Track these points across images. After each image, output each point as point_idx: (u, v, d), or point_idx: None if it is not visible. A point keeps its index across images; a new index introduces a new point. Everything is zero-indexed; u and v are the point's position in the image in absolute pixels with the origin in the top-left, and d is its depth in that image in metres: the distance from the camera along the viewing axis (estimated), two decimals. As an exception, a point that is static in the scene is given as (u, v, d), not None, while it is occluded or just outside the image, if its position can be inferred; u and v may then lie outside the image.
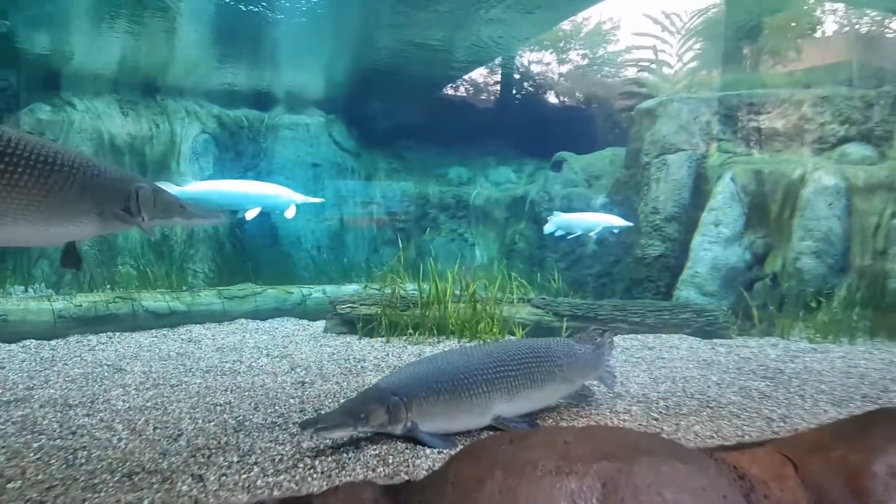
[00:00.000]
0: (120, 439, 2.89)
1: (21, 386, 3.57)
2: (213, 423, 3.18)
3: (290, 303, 6.77)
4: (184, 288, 6.72)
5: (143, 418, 3.22)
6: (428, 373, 3.17)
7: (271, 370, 4.43)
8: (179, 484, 2.35)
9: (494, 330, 6.00)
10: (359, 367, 4.62)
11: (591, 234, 8.88)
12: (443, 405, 3.08)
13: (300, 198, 9.03)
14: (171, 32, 8.65)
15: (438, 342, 5.76)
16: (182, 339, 5.45)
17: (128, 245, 8.36)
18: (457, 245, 11.01)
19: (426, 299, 6.23)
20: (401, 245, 8.50)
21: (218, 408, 3.48)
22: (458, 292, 6.45)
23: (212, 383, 3.97)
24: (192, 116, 9.62)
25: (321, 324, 6.35)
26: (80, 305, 5.28)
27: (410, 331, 5.93)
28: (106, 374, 4.05)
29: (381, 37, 9.55)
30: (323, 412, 3.28)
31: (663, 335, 6.13)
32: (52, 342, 4.95)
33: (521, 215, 10.67)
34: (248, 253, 9.38)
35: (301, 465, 2.59)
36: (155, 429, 3.06)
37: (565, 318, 6.11)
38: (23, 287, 6.92)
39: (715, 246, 7.56)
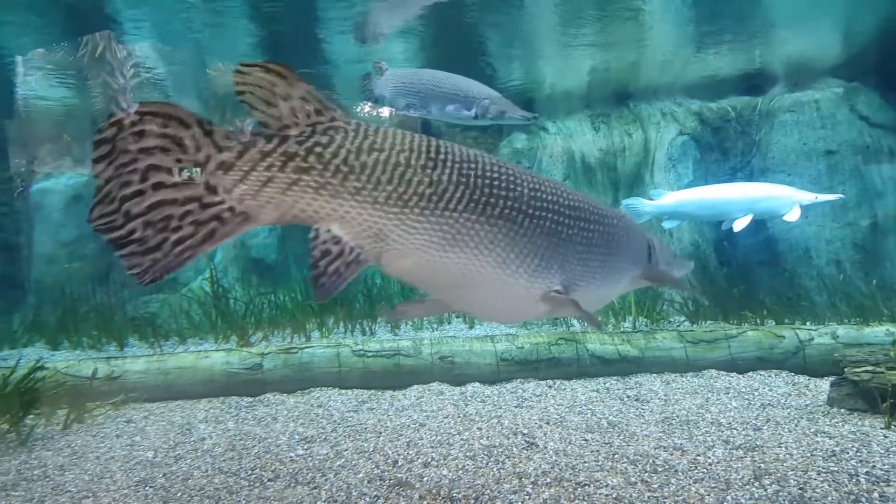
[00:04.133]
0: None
1: (420, 460, 3.29)
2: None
3: (779, 351, 5.02)
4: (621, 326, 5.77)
5: (518, 542, 2.43)
6: None
7: (723, 475, 3.05)
8: None
9: None
10: (876, 494, 2.79)
11: None
12: None
13: (807, 197, 6.98)
14: (641, 31, 7.87)
15: None
16: (626, 397, 4.52)
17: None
18: None
19: None
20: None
21: (620, 544, 2.41)
22: None
23: (628, 492, 2.90)
24: (667, 118, 8.63)
25: (825, 387, 4.43)
26: (522, 347, 4.96)
27: None
28: (513, 449, 3.46)
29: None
30: None
31: None
32: (490, 389, 4.75)
33: None
34: (738, 274, 7.75)
35: None
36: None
37: None
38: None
39: None
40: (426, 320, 6.59)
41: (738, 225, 7.14)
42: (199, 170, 1.60)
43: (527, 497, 2.85)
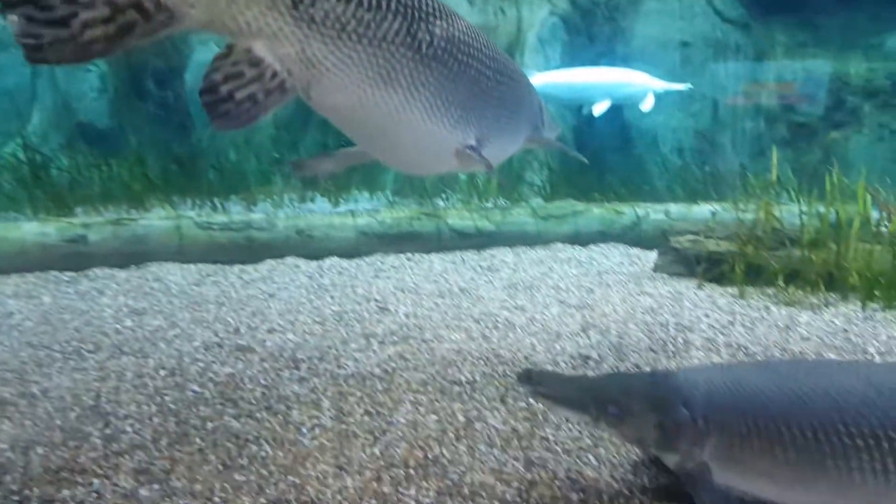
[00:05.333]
0: (314, 429, 2.19)
1: (265, 327, 3.24)
2: (434, 422, 2.27)
3: (619, 226, 5.42)
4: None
5: (358, 394, 2.49)
6: (768, 394, 1.62)
7: (555, 328, 3.31)
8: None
9: (936, 295, 3.66)
10: (680, 339, 3.15)
11: None
12: (775, 462, 1.57)
13: (659, 84, 7.36)
14: None
15: (826, 306, 3.78)
16: (479, 267, 4.71)
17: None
18: (887, 147, 7.68)
19: (814, 234, 4.17)
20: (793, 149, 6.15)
21: (455, 389, 2.56)
22: (881, 222, 4.17)
23: (468, 345, 3.06)
24: (541, -4, 8.53)
25: (655, 257, 4.87)
26: (384, 222, 4.95)
27: (781, 282, 4.03)
28: (364, 315, 3.51)
29: None
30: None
31: None
32: (348, 262, 4.74)
33: None
34: (593, 158, 8.12)
35: None
36: (363, 418, 2.29)
37: None
38: (368, 194, 7.17)
39: None
40: (287, 198, 6.36)
41: (598, 109, 7.42)
42: None
43: (372, 354, 2.92)
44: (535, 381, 1.73)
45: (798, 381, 1.63)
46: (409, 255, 4.97)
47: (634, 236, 5.40)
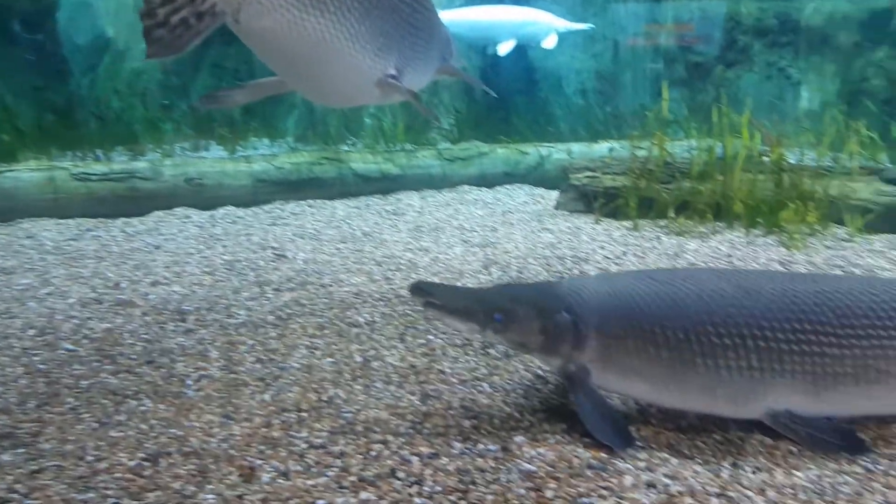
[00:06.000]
0: (201, 380, 2.09)
1: (148, 280, 3.06)
2: (329, 364, 2.22)
3: (523, 166, 5.46)
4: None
5: (249, 342, 2.40)
6: (644, 299, 1.69)
7: (458, 267, 3.32)
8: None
9: (810, 219, 3.92)
10: (577, 271, 3.24)
11: None
12: (650, 361, 1.65)
13: (562, 23, 7.36)
14: None
15: (713, 234, 3.98)
16: (384, 212, 4.63)
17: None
18: (774, 84, 8.06)
19: (703, 166, 4.35)
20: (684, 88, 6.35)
21: (353, 331, 2.52)
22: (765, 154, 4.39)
23: (369, 287, 3.02)
24: (448, -69, 8.24)
25: (557, 195, 4.97)
26: (282, 168, 4.75)
27: (672, 213, 4.20)
28: (259, 262, 3.38)
29: None
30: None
31: None
32: (244, 211, 4.54)
33: (883, 38, 7.21)
34: (499, 101, 8.10)
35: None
36: (254, 365, 2.21)
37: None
38: (268, 141, 6.85)
39: None
40: (178, 147, 5.98)
41: (503, 49, 7.37)
42: None
43: (266, 301, 2.83)
44: (427, 292, 1.73)
45: (672, 287, 1.70)
46: (311, 201, 4.81)
47: (538, 176, 5.47)
